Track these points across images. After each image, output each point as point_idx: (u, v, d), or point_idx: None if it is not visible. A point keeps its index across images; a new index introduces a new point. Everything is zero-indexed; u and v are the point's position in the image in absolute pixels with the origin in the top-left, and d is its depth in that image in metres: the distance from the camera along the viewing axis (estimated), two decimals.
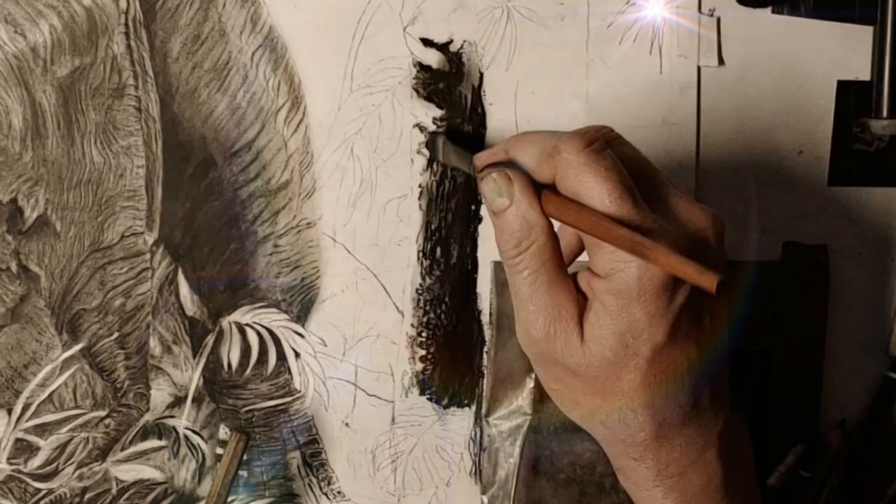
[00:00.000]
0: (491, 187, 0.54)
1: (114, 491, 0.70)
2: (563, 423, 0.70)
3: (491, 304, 0.70)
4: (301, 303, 0.69)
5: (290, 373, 0.70)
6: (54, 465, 0.69)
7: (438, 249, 0.69)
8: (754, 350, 0.71)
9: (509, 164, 0.55)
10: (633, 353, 0.53)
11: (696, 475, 0.55)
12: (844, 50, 0.69)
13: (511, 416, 0.71)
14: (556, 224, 0.55)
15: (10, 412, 0.68)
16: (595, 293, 0.53)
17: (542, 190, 0.54)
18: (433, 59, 0.68)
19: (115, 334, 0.69)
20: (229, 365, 0.70)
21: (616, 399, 0.54)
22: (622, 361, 0.53)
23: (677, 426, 0.55)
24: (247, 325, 0.69)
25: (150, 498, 0.70)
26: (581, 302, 0.54)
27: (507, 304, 0.70)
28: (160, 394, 0.70)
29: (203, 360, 0.69)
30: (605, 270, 0.53)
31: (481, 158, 0.57)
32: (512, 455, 0.71)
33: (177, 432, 0.70)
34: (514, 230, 0.54)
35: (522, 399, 0.71)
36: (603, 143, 0.53)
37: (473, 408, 0.71)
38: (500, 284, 0.70)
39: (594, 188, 0.52)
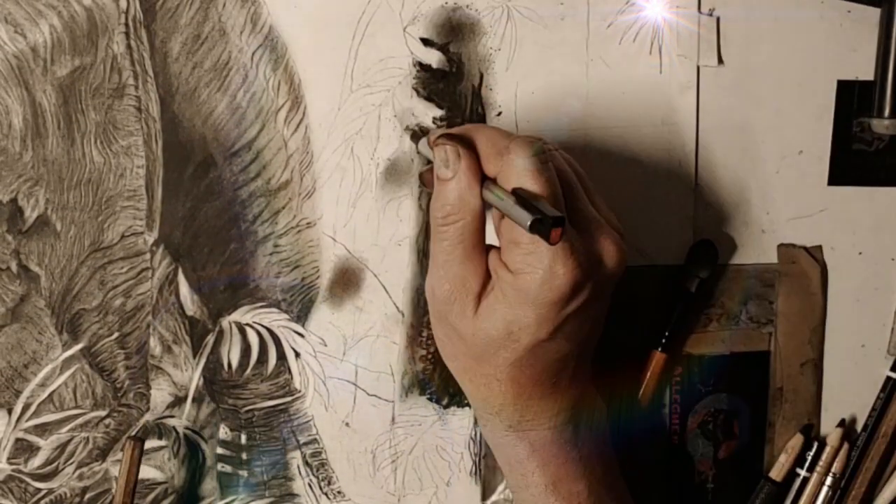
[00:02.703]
0: (441, 157, 0.60)
1: (114, 491, 0.70)
2: None
3: None
4: (301, 303, 0.69)
5: (290, 373, 0.70)
6: (54, 465, 0.69)
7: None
8: (754, 352, 0.71)
9: (464, 142, 0.60)
10: (514, 340, 0.59)
11: (546, 431, 0.62)
12: (844, 50, 0.69)
13: None
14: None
15: (10, 412, 0.69)
16: (499, 280, 0.59)
17: (485, 178, 0.59)
18: (433, 59, 0.68)
19: (115, 334, 0.69)
20: (229, 365, 0.70)
21: (487, 367, 0.61)
22: (502, 342, 0.59)
23: (535, 398, 0.61)
24: (247, 324, 0.69)
25: (150, 498, 0.70)
26: (486, 279, 0.60)
27: None
28: (160, 394, 0.70)
29: (203, 360, 0.69)
30: (514, 267, 0.58)
31: (437, 132, 0.62)
32: None
33: (177, 432, 0.70)
34: (448, 201, 0.60)
35: None
36: (547, 156, 0.59)
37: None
38: None
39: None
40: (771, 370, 0.71)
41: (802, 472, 0.71)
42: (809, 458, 0.71)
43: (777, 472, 0.71)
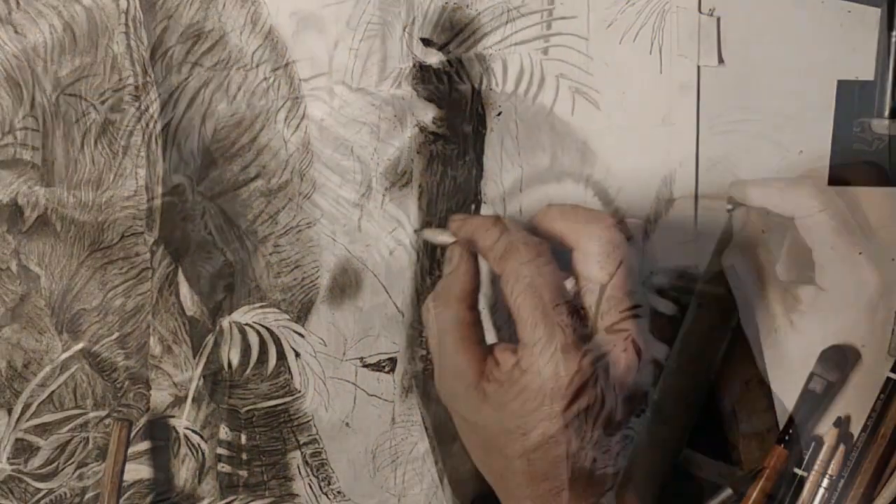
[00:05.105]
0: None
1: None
2: None
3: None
4: (301, 303, 0.69)
5: (290, 373, 0.70)
6: (54, 465, 0.69)
7: (438, 249, 0.69)
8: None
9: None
10: (522, 434, 0.59)
11: None
12: (844, 50, 0.69)
13: None
14: None
15: (10, 412, 0.69)
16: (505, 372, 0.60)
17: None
18: (433, 59, 0.68)
19: (115, 334, 0.69)
20: (229, 365, 0.70)
21: (501, 461, 0.60)
22: (512, 438, 0.59)
23: (555, 492, 0.61)
24: (247, 325, 0.69)
25: (150, 498, 0.70)
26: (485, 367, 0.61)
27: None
28: (160, 394, 0.70)
29: (203, 360, 0.69)
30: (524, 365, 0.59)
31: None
32: None
33: (177, 432, 0.70)
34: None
35: None
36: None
37: None
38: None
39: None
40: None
41: (799, 472, 0.71)
42: (807, 457, 0.71)
43: None
